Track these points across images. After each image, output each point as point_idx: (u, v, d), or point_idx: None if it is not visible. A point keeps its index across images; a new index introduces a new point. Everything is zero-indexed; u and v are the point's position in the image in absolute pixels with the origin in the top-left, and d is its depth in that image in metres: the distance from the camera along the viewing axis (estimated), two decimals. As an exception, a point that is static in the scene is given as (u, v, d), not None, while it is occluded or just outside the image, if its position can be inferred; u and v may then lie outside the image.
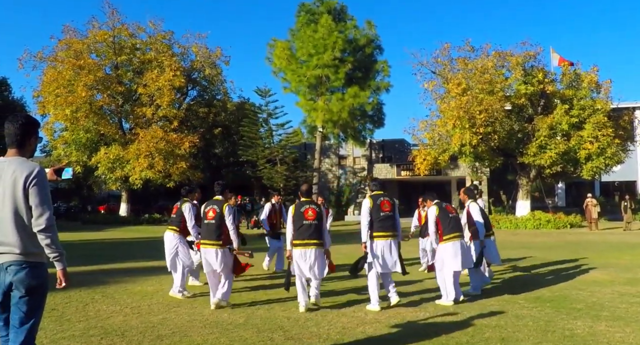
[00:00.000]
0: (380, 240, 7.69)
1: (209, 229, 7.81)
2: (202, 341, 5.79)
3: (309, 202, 7.75)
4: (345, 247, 17.73)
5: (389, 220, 7.77)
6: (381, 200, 7.83)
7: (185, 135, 33.71)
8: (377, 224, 7.71)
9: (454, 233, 8.22)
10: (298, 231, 7.52)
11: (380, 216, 7.71)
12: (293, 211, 7.65)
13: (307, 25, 34.49)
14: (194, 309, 7.57)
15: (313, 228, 7.49)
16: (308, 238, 7.46)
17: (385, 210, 7.76)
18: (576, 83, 29.27)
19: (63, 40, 35.20)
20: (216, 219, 7.77)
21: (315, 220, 7.54)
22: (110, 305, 7.83)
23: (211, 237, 7.76)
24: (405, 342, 5.72)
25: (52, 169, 4.49)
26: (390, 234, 7.72)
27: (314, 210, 7.60)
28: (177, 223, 8.92)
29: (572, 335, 5.97)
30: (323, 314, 7.14)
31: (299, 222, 7.53)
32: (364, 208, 7.84)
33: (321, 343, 5.71)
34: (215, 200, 8.03)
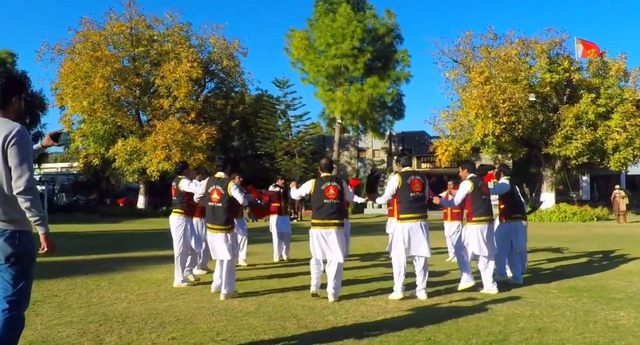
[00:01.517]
0: (408, 223, 7.02)
1: (215, 213, 7.13)
2: (208, 329, 5.31)
3: (330, 178, 7.08)
4: (364, 238, 17.25)
5: (419, 201, 7.11)
6: (412, 179, 7.13)
7: (203, 127, 33.32)
8: (406, 205, 7.07)
9: (484, 216, 7.54)
10: (318, 211, 6.93)
11: (410, 197, 7.05)
12: (313, 188, 7.01)
13: (325, 14, 33.92)
14: (202, 297, 7.11)
15: (335, 207, 6.88)
16: (328, 217, 6.85)
17: (415, 191, 7.08)
18: (603, 71, 28.29)
19: (80, 32, 34.98)
20: (222, 201, 7.09)
21: (336, 199, 6.93)
22: (116, 292, 7.41)
23: (218, 222, 7.11)
24: (431, 332, 5.18)
25: (48, 134, 4.19)
26: (419, 215, 7.07)
27: (336, 189, 6.96)
28: (180, 204, 8.25)
29: (616, 326, 5.39)
30: (341, 303, 6.62)
31: (319, 200, 6.92)
32: (390, 186, 7.19)
33: (338, 332, 5.19)
34: (218, 178, 7.27)
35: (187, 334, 5.12)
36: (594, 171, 33.42)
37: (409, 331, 5.18)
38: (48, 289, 7.59)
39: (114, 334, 5.14)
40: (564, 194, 35.66)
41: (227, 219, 7.12)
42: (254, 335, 5.08)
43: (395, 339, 4.92)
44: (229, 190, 7.07)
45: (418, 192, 7.10)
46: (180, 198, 8.21)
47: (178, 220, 8.20)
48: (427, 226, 7.11)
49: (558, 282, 8.09)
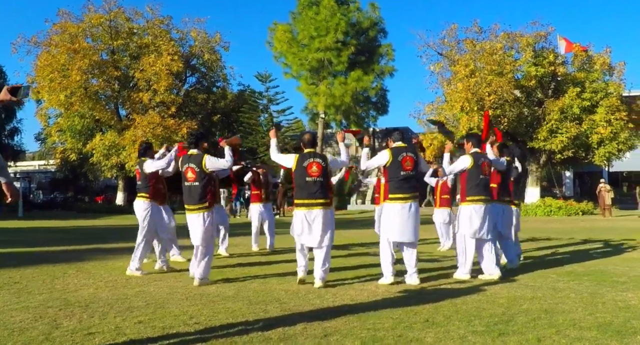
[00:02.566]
0: (397, 204, 6.36)
1: (191, 192, 6.48)
2: (181, 313, 4.77)
3: (313, 154, 6.39)
4: (349, 232, 16.84)
5: (409, 181, 6.42)
6: (403, 155, 6.43)
7: (183, 122, 32.60)
8: (395, 184, 6.39)
9: (480, 196, 6.86)
10: (300, 190, 6.31)
11: (400, 175, 6.37)
12: (295, 164, 6.35)
13: (309, 7, 33.32)
14: (177, 282, 6.56)
15: (318, 186, 6.23)
16: (312, 197, 6.21)
17: (406, 169, 6.40)
18: (588, 65, 28.10)
19: (58, 24, 34.00)
20: (198, 179, 6.44)
21: (320, 176, 6.26)
22: (83, 279, 6.82)
23: (194, 201, 6.47)
24: (428, 314, 4.69)
25: (6, 88, 3.66)
26: (409, 196, 6.37)
27: (319, 165, 6.29)
28: (145, 189, 7.51)
29: (627, 307, 4.95)
30: (327, 289, 6.09)
31: (301, 178, 6.29)
32: (377, 159, 6.60)
33: (325, 314, 4.67)
34: (190, 155, 6.59)
35: (157, 318, 4.58)
36: (579, 166, 33.31)
37: (404, 313, 4.69)
38: (10, 277, 6.99)
39: (74, 318, 4.58)
40: (548, 190, 35.51)
41: (203, 196, 6.46)
42: (231, 318, 4.56)
43: (390, 321, 4.42)
44: (204, 166, 6.42)
45: (409, 170, 6.43)
46: (146, 182, 7.50)
47: (143, 205, 7.51)
48: (417, 208, 6.46)
49: (555, 268, 7.66)
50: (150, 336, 3.96)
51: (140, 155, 7.76)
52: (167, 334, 4.03)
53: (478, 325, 4.26)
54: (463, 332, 4.03)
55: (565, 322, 4.33)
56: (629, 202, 32.22)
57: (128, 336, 3.97)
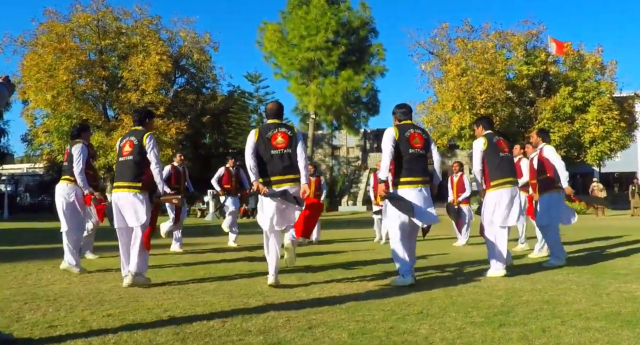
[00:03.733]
0: (406, 188, 5.51)
1: (123, 168, 5.67)
2: (155, 306, 4.41)
3: (278, 124, 5.54)
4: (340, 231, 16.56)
5: (419, 161, 5.60)
6: (411, 132, 5.61)
7: (172, 122, 32.19)
8: (403, 165, 5.54)
9: (506, 178, 6.17)
10: (264, 165, 5.41)
11: (409, 154, 5.52)
12: (256, 137, 5.43)
13: (299, 7, 33.03)
14: (155, 278, 6.15)
15: (286, 159, 5.38)
16: (279, 173, 5.36)
17: (415, 146, 5.55)
18: (580, 64, 28.02)
19: (45, 24, 33.51)
20: (134, 153, 5.61)
21: (287, 148, 5.39)
22: (57, 275, 6.42)
23: (126, 178, 5.61)
24: (422, 306, 4.37)
25: None
26: (420, 180, 5.55)
27: (285, 135, 5.42)
28: (71, 171, 6.78)
29: (633, 298, 4.65)
30: (313, 282, 5.76)
31: (265, 152, 5.39)
32: (386, 142, 5.59)
33: (312, 308, 4.33)
34: (134, 130, 5.88)
35: (128, 311, 4.22)
36: (571, 166, 33.17)
37: (396, 305, 4.36)
38: (-21, 273, 6.59)
39: (38, 312, 4.22)
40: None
41: (138, 175, 5.60)
42: (209, 311, 4.20)
43: (380, 313, 4.09)
44: (145, 142, 5.61)
45: (419, 148, 5.59)
46: (72, 164, 6.76)
47: (66, 189, 6.81)
48: (429, 192, 5.61)
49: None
50: (117, 329, 3.60)
51: (74, 137, 7.06)
52: (136, 326, 3.67)
53: (476, 316, 3.94)
54: (460, 324, 3.71)
55: (570, 313, 4.02)
56: (621, 203, 32.07)
57: (93, 329, 3.61)
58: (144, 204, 5.59)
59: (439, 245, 10.31)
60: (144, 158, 5.64)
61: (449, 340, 3.30)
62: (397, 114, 5.93)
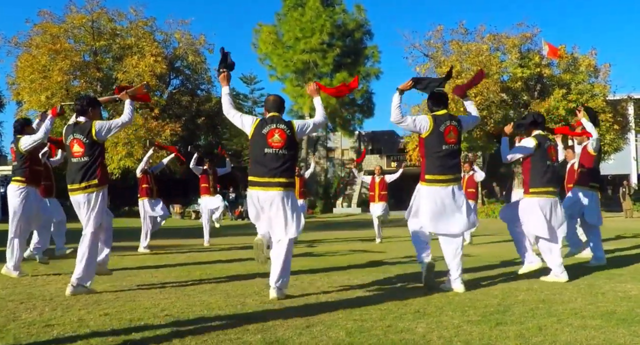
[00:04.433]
0: (436, 187, 5.12)
1: (76, 169, 5.18)
2: (152, 305, 4.40)
3: (277, 119, 4.96)
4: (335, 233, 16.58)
5: (452, 157, 5.16)
6: (447, 125, 5.11)
7: (167, 123, 32.12)
8: (435, 162, 5.11)
9: (546, 187, 5.76)
10: (256, 164, 4.89)
11: (442, 150, 5.09)
12: (253, 130, 4.93)
13: (294, 9, 33.12)
14: (153, 278, 6.19)
15: (281, 161, 4.83)
16: (272, 175, 4.80)
17: (450, 142, 5.13)
18: (574, 67, 28.09)
19: (39, 25, 33.40)
20: (87, 153, 5.14)
21: (283, 148, 4.86)
22: (52, 275, 6.41)
23: (80, 179, 5.15)
24: (418, 305, 4.39)
25: None
26: (452, 178, 5.15)
27: (283, 133, 4.88)
28: (21, 170, 6.37)
29: (628, 297, 4.68)
30: (310, 282, 5.77)
31: (258, 149, 4.87)
32: (418, 121, 5.15)
33: (310, 307, 4.34)
34: (76, 124, 5.26)
35: (125, 310, 4.22)
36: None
37: (393, 304, 4.38)
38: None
39: (34, 311, 4.21)
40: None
41: (93, 172, 5.15)
42: (206, 311, 4.21)
43: (378, 312, 4.10)
44: (94, 134, 5.14)
45: (453, 143, 5.15)
46: (22, 162, 6.37)
47: (18, 190, 6.37)
48: (461, 191, 5.26)
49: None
50: (115, 328, 3.60)
51: (16, 133, 6.49)
52: (134, 326, 3.67)
53: (473, 315, 3.96)
54: (457, 322, 3.72)
55: (566, 312, 4.04)
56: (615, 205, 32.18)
57: (91, 328, 3.60)
58: (98, 206, 5.19)
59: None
60: (98, 155, 5.23)
61: (446, 338, 3.31)
62: (429, 104, 5.41)
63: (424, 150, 5.24)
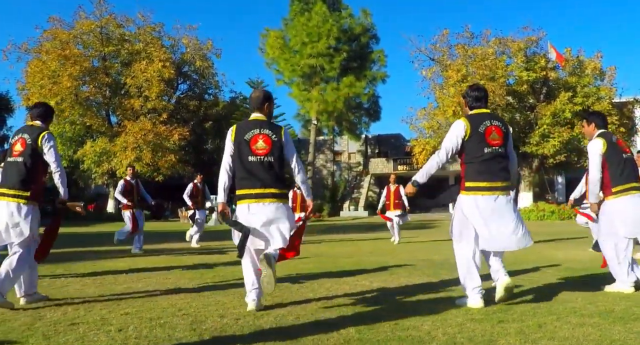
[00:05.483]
0: (478, 195, 4.46)
1: (11, 170, 4.72)
2: (169, 305, 4.61)
3: (261, 123, 4.45)
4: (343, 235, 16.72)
5: (498, 162, 4.51)
6: (487, 125, 4.48)
7: (175, 128, 32.45)
8: (478, 168, 4.48)
9: (630, 183, 5.18)
10: (242, 175, 4.37)
11: (485, 153, 4.45)
12: (233, 137, 4.41)
13: (301, 14, 33.41)
14: (166, 280, 6.39)
15: (267, 168, 4.34)
16: (259, 186, 4.31)
17: (494, 144, 4.46)
18: (579, 70, 28.27)
19: (48, 31, 33.90)
20: (24, 155, 4.70)
21: (268, 155, 4.35)
22: (70, 277, 6.64)
23: (12, 184, 4.66)
24: (425, 305, 4.57)
25: None
26: (499, 186, 4.49)
27: (268, 139, 4.37)
28: None
29: (627, 297, 4.84)
30: (319, 282, 5.96)
31: (241, 158, 4.35)
32: (451, 135, 4.55)
33: (320, 306, 4.54)
34: (31, 126, 4.89)
35: (144, 309, 4.43)
36: (571, 170, 33.41)
37: (400, 304, 4.57)
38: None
39: (58, 311, 4.42)
40: (541, 196, 35.56)
41: (26, 180, 4.69)
42: (221, 310, 4.41)
43: (385, 311, 4.29)
44: (40, 143, 4.72)
45: (497, 146, 4.48)
46: None
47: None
48: (512, 201, 4.58)
49: (550, 265, 7.58)
50: (137, 326, 3.81)
51: None
52: (154, 323, 3.88)
53: (476, 314, 4.13)
54: (461, 320, 3.90)
55: (566, 310, 4.21)
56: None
57: (114, 326, 3.81)
58: (29, 216, 4.72)
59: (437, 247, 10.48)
60: (37, 161, 4.74)
61: (450, 335, 3.49)
62: (467, 98, 4.76)
63: (464, 156, 4.58)
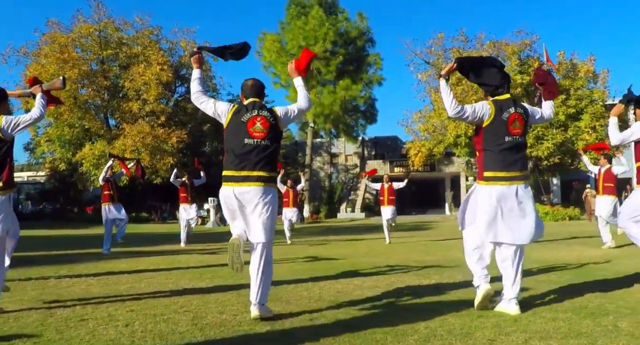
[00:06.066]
0: (497, 186, 4.37)
1: None
2: (171, 303, 4.91)
3: (258, 106, 4.38)
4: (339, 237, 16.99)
5: (516, 151, 4.43)
6: (511, 112, 4.40)
7: (173, 131, 32.71)
8: (497, 156, 4.38)
9: None
10: (234, 157, 4.28)
11: (505, 142, 4.37)
12: (229, 117, 4.35)
13: (298, 17, 33.75)
14: (167, 280, 6.68)
15: (261, 152, 4.26)
16: (250, 168, 4.22)
17: (514, 133, 4.40)
18: (573, 73, 28.63)
19: (47, 34, 34.15)
20: None
21: (266, 138, 4.29)
22: (74, 278, 6.91)
23: None
24: (413, 302, 4.87)
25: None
26: (517, 175, 4.41)
27: (266, 121, 4.31)
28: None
29: (603, 295, 5.13)
30: (313, 281, 6.26)
31: (237, 140, 4.28)
32: (477, 108, 4.41)
33: (313, 303, 4.83)
34: None
35: (148, 307, 4.72)
36: (565, 172, 33.77)
37: (387, 303, 4.87)
38: (1, 276, 7.06)
39: (68, 308, 4.71)
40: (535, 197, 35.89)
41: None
42: (220, 307, 4.70)
43: (372, 309, 4.59)
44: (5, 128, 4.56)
45: (518, 135, 4.44)
46: None
47: None
48: (529, 192, 4.49)
49: (539, 263, 7.85)
50: (142, 322, 4.10)
51: None
52: (158, 319, 4.17)
53: (461, 309, 4.42)
54: (444, 316, 4.19)
55: (542, 306, 4.51)
56: (615, 208, 32.61)
57: (121, 321, 4.10)
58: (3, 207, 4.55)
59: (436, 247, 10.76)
60: (4, 153, 4.61)
61: (431, 328, 3.79)
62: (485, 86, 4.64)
63: (482, 143, 4.47)
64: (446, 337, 3.53)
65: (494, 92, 4.52)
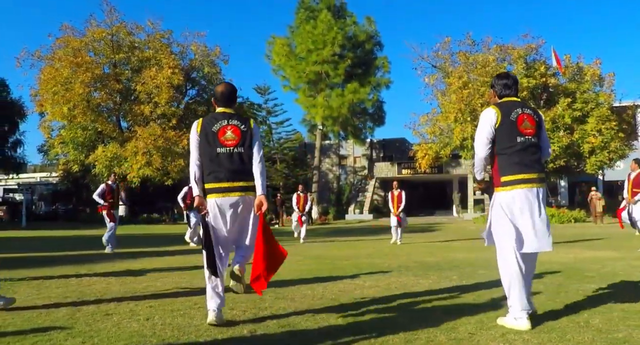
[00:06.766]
0: (519, 189, 4.18)
1: None
2: (186, 300, 5.37)
3: (229, 115, 4.40)
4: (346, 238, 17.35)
5: (531, 152, 4.26)
6: (519, 113, 4.25)
7: (184, 133, 33.26)
8: (512, 159, 4.22)
9: None
10: (211, 168, 4.28)
11: (517, 143, 4.21)
12: (198, 130, 4.35)
13: (307, 21, 34.23)
14: (182, 279, 7.13)
15: (236, 160, 4.27)
16: (228, 179, 4.23)
17: (526, 133, 4.23)
18: (579, 76, 28.89)
19: (61, 38, 34.86)
20: None
21: (238, 145, 4.29)
22: (94, 277, 7.39)
23: None
24: (404, 300, 5.29)
25: None
26: (536, 177, 4.22)
27: (237, 130, 4.31)
28: None
29: (585, 296, 5.52)
30: (317, 281, 6.69)
31: (210, 150, 4.28)
32: (483, 124, 4.29)
33: (315, 302, 5.27)
34: None
35: (166, 303, 5.18)
36: (572, 175, 33.98)
37: (382, 302, 5.28)
38: (26, 275, 7.55)
39: (92, 304, 5.17)
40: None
41: None
42: (231, 303, 5.14)
43: (366, 306, 5.01)
44: None
45: (530, 135, 4.25)
46: None
47: None
48: (545, 195, 4.30)
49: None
50: (161, 316, 4.55)
51: None
52: (175, 315, 4.62)
53: (450, 306, 4.84)
54: (430, 313, 4.61)
55: (526, 305, 4.91)
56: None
57: (142, 316, 4.56)
58: None
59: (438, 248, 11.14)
60: None
61: (416, 322, 4.21)
62: (496, 87, 4.47)
63: (495, 147, 4.31)
64: (432, 331, 3.94)
65: (502, 93, 4.41)
